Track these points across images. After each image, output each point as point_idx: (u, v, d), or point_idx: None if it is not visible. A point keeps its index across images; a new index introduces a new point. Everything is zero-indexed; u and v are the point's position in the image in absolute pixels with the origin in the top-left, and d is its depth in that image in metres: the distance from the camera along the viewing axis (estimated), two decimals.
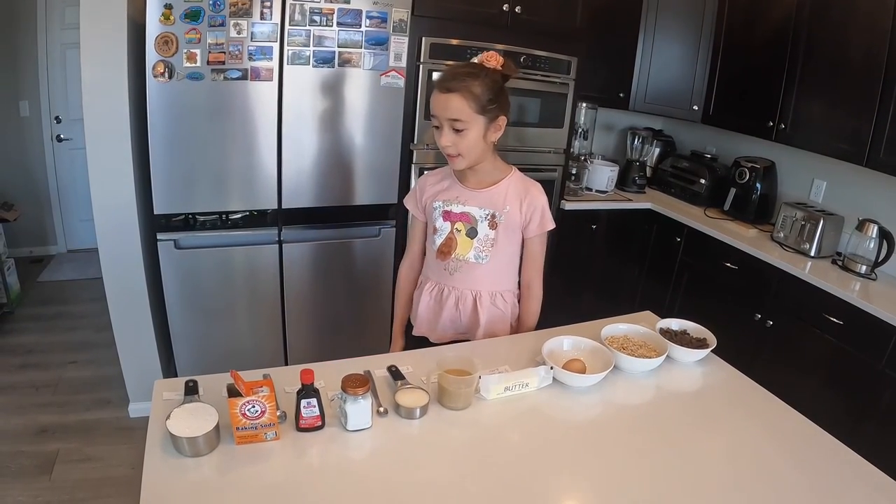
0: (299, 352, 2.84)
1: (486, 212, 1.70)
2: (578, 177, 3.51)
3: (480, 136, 1.58)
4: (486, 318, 1.77)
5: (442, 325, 1.81)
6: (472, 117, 1.54)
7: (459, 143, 1.56)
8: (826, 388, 2.53)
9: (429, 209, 1.77)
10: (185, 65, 2.20)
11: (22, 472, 2.45)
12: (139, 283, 2.54)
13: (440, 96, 1.54)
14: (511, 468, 1.19)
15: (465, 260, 1.73)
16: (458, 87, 1.52)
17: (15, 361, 3.26)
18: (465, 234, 1.71)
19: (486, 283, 1.77)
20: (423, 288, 1.83)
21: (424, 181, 1.81)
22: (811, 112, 2.82)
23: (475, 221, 1.70)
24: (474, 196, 1.70)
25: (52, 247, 4.76)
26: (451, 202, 1.72)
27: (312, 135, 2.50)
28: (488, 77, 1.54)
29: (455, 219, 1.72)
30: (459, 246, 1.72)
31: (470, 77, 1.52)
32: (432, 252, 1.79)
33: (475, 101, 1.52)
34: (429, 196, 1.77)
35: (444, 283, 1.78)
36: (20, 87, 4.30)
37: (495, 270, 1.77)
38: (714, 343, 1.63)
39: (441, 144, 1.59)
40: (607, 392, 1.46)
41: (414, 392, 1.32)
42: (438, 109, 1.55)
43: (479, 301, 1.77)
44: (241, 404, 1.10)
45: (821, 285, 2.55)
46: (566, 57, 3.00)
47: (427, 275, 1.85)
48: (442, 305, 1.79)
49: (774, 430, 1.38)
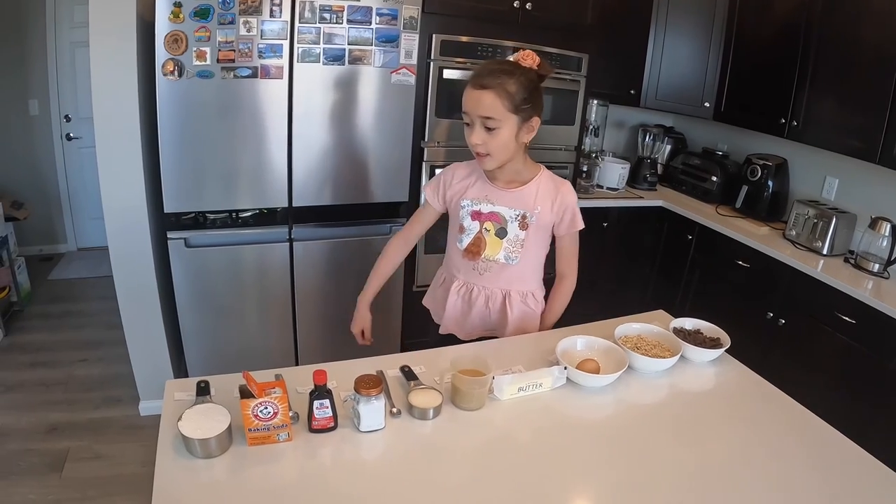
0: (310, 351, 2.84)
1: (516, 212, 1.66)
2: (590, 174, 3.48)
3: (512, 136, 1.53)
4: (516, 316, 1.76)
5: (471, 323, 1.80)
6: (506, 116, 1.49)
7: (490, 142, 1.52)
8: (838, 387, 2.50)
9: (454, 205, 1.73)
10: (194, 63, 2.19)
11: (32, 469, 2.46)
12: (149, 282, 2.54)
13: (473, 92, 1.50)
14: (524, 469, 1.18)
15: (496, 260, 1.71)
16: (493, 84, 1.47)
17: (25, 359, 3.27)
18: (495, 233, 1.69)
19: (517, 283, 1.76)
20: (451, 287, 1.79)
21: (451, 174, 1.74)
22: (823, 109, 2.79)
23: (505, 222, 1.67)
24: (504, 196, 1.66)
25: (62, 245, 4.77)
26: (481, 201, 1.68)
27: (323, 133, 2.49)
28: (524, 76, 1.50)
29: (484, 219, 1.68)
30: (489, 246, 1.70)
31: (505, 74, 1.48)
32: (458, 251, 1.75)
33: (509, 99, 1.48)
34: (456, 191, 1.72)
35: (474, 282, 1.76)
36: (29, 85, 4.31)
37: (526, 270, 1.75)
38: (728, 343, 1.62)
39: (471, 142, 1.54)
40: (621, 392, 1.45)
41: (427, 392, 1.30)
42: (471, 106, 1.51)
43: (510, 300, 1.76)
44: (254, 406, 1.10)
45: (833, 284, 2.52)
46: (577, 54, 2.98)
47: (453, 273, 1.80)
48: (471, 305, 1.77)
49: (788, 430, 1.36)
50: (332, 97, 2.45)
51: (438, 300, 1.88)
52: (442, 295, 1.86)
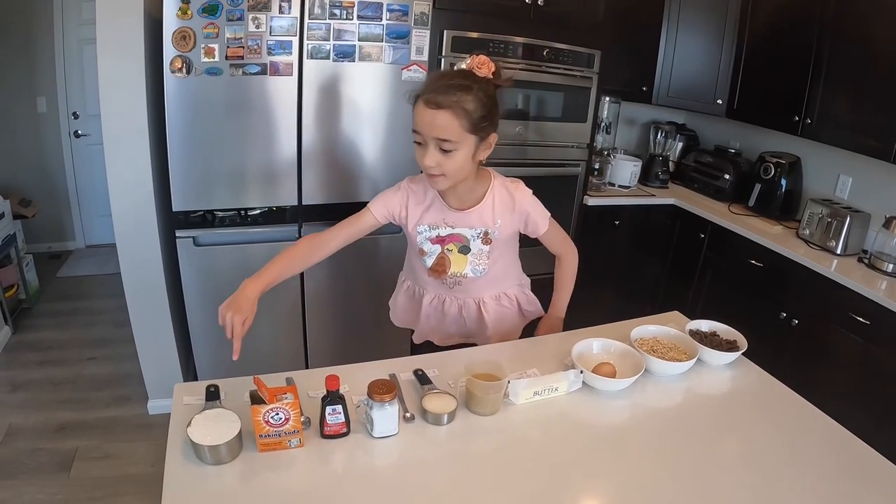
0: (320, 351, 2.82)
1: (477, 231, 1.58)
2: (601, 172, 3.45)
3: (469, 156, 1.41)
4: (492, 319, 1.73)
5: (446, 330, 1.77)
6: (463, 137, 1.36)
7: (445, 164, 1.39)
8: (852, 388, 2.46)
9: (409, 231, 1.63)
10: (202, 60, 2.16)
11: (40, 469, 2.45)
12: (158, 281, 2.53)
13: (426, 112, 1.35)
14: (541, 475, 1.15)
15: (463, 275, 1.65)
16: (449, 103, 1.33)
17: (34, 357, 3.27)
18: (458, 251, 1.62)
19: (489, 290, 1.72)
20: (422, 300, 1.75)
21: (406, 196, 1.60)
22: (838, 107, 2.74)
23: (467, 241, 1.60)
24: (461, 217, 1.57)
25: (71, 242, 4.78)
26: (438, 225, 1.59)
27: (333, 130, 2.46)
28: (481, 90, 1.37)
29: (445, 241, 1.61)
30: (453, 264, 1.64)
31: (461, 91, 1.34)
32: (422, 267, 1.68)
33: (467, 118, 1.35)
34: (412, 218, 1.60)
35: (445, 294, 1.72)
36: (37, 83, 4.31)
37: (496, 277, 1.70)
38: (745, 346, 1.59)
39: (424, 164, 1.41)
40: (637, 395, 1.42)
41: (441, 397, 1.28)
42: (424, 126, 1.37)
43: (484, 307, 1.73)
44: (265, 412, 1.07)
45: (847, 284, 2.48)
46: (589, 50, 2.95)
47: (422, 286, 1.75)
48: (445, 314, 1.74)
49: (808, 436, 1.33)
50: (342, 94, 2.42)
51: (401, 305, 1.84)
52: (406, 303, 1.82)
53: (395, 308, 1.90)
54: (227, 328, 1.33)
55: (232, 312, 1.33)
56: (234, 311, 1.33)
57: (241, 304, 1.36)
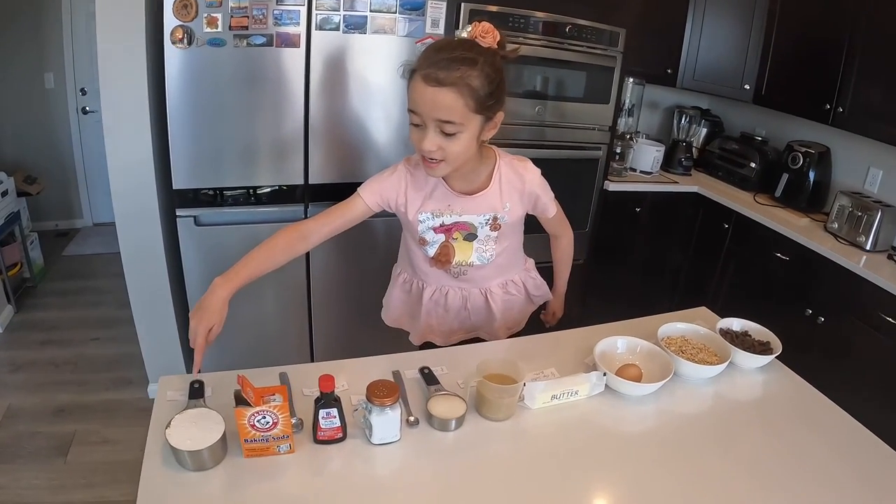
0: (325, 337, 2.72)
1: (485, 217, 1.45)
2: (623, 156, 3.30)
3: (473, 139, 1.26)
4: (500, 309, 1.61)
5: (449, 326, 1.63)
6: (468, 118, 1.21)
7: (447, 148, 1.24)
8: (879, 390, 2.34)
9: (408, 220, 1.47)
10: (205, 30, 2.05)
11: (38, 453, 2.40)
12: (158, 261, 2.44)
13: (426, 89, 1.18)
14: (558, 487, 1.05)
15: (469, 264, 1.52)
16: (452, 80, 1.17)
17: (36, 338, 3.22)
18: (463, 239, 1.48)
19: (497, 278, 1.60)
20: (422, 295, 1.60)
21: (403, 181, 1.43)
22: (871, 96, 2.58)
23: (474, 228, 1.47)
24: (468, 203, 1.43)
25: (78, 220, 4.73)
26: (443, 212, 1.43)
27: (342, 106, 2.35)
28: (488, 64, 1.20)
29: (449, 230, 1.47)
30: (458, 252, 1.49)
31: (466, 65, 1.17)
32: (422, 258, 1.54)
33: (473, 97, 1.19)
34: (412, 206, 1.44)
35: (448, 285, 1.58)
36: (45, 59, 4.23)
37: (503, 263, 1.58)
38: (779, 348, 1.47)
39: (422, 148, 1.25)
40: (663, 400, 1.30)
41: (449, 400, 1.16)
42: (423, 107, 1.20)
43: (491, 297, 1.60)
44: (250, 415, 0.96)
45: (876, 281, 2.35)
46: (613, 28, 2.79)
47: (421, 279, 1.60)
48: (447, 309, 1.60)
49: (843, 448, 1.21)
50: (352, 68, 2.30)
51: (395, 301, 1.70)
52: (400, 297, 1.68)
53: (387, 305, 1.74)
54: (191, 337, 1.20)
55: (196, 320, 1.19)
56: (199, 320, 1.20)
57: (208, 311, 1.22)
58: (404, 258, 1.64)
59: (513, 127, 2.70)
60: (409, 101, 1.24)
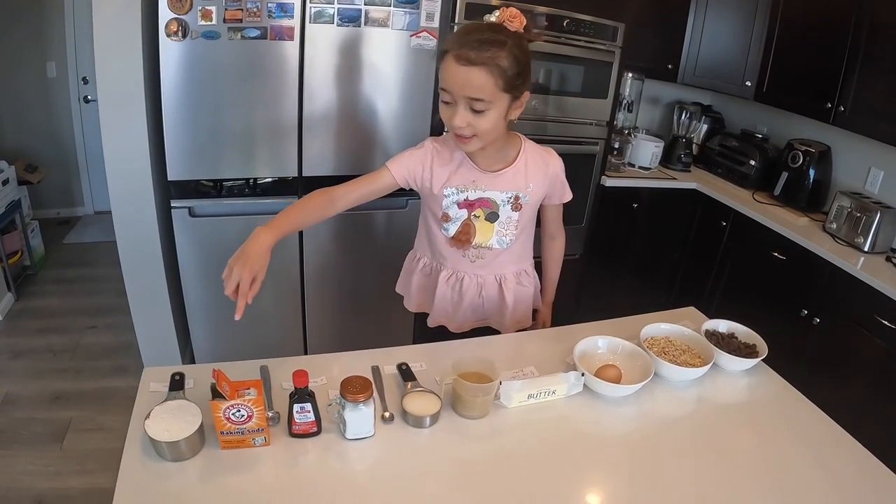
0: (319, 328, 2.73)
1: (508, 195, 1.51)
2: (621, 152, 3.30)
3: (502, 116, 1.34)
4: (512, 299, 1.63)
5: (463, 314, 1.65)
6: (497, 96, 1.29)
7: (477, 125, 1.32)
8: (872, 395, 2.34)
9: (433, 193, 1.52)
10: (199, 23, 2.05)
11: (34, 439, 2.43)
12: (154, 252, 2.45)
13: (459, 69, 1.26)
14: (531, 487, 1.05)
15: (488, 247, 1.56)
16: (483, 60, 1.24)
17: (35, 325, 3.24)
18: (485, 218, 1.53)
19: (512, 266, 1.63)
20: (439, 277, 1.63)
21: (430, 157, 1.50)
22: (874, 95, 2.56)
23: (496, 206, 1.52)
24: (493, 179, 1.49)
25: (80, 208, 4.75)
26: (467, 187, 1.49)
27: (336, 99, 2.35)
28: (516, 46, 1.28)
29: (473, 206, 1.52)
30: (479, 233, 1.54)
31: (496, 46, 1.25)
32: (442, 238, 1.58)
33: (502, 76, 1.27)
34: (438, 180, 1.50)
35: (464, 270, 1.61)
36: (47, 48, 4.23)
37: (519, 250, 1.63)
38: (765, 351, 1.46)
39: (453, 124, 1.33)
40: (644, 402, 1.30)
41: (424, 396, 1.17)
42: (456, 85, 1.28)
43: (505, 284, 1.62)
44: (225, 408, 0.97)
45: (873, 283, 2.33)
46: (612, 22, 2.78)
47: (439, 261, 1.63)
48: (462, 295, 1.62)
49: (823, 454, 1.21)
50: (346, 61, 2.29)
51: (416, 287, 1.71)
52: (421, 282, 1.70)
53: (408, 292, 1.76)
54: (230, 283, 1.18)
55: (240, 267, 1.19)
56: (243, 266, 1.19)
57: (252, 259, 1.21)
58: (424, 241, 1.67)
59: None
60: (441, 80, 1.32)
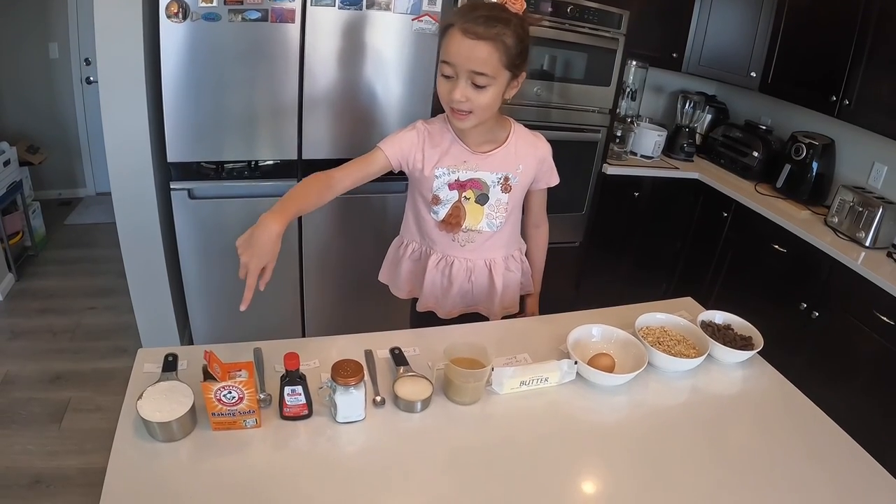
0: (317, 311, 2.74)
1: (498, 175, 1.51)
2: (623, 140, 3.28)
3: (500, 94, 1.36)
4: (501, 283, 1.64)
5: (452, 300, 1.64)
6: (499, 72, 1.31)
7: (476, 100, 1.33)
8: (869, 390, 2.34)
9: (423, 174, 1.50)
10: (200, 4, 2.04)
11: (32, 419, 2.44)
12: (154, 234, 2.45)
13: (465, 41, 1.27)
14: (521, 473, 1.05)
15: (478, 230, 1.56)
16: (490, 35, 1.26)
17: (35, 306, 3.25)
18: (475, 200, 1.53)
19: (501, 249, 1.63)
20: (428, 262, 1.62)
21: (422, 138, 1.49)
22: (879, 90, 2.53)
23: (486, 187, 1.52)
24: (483, 160, 1.50)
25: (81, 189, 4.76)
26: (458, 168, 1.49)
27: (336, 82, 2.33)
28: (519, 25, 1.31)
29: (464, 187, 1.52)
30: (469, 215, 1.54)
31: (501, 23, 1.28)
32: (431, 222, 1.58)
33: (507, 53, 1.29)
34: (429, 160, 1.49)
35: (454, 255, 1.60)
36: (49, 28, 4.21)
37: (508, 234, 1.63)
38: (760, 344, 1.45)
39: (451, 98, 1.33)
40: (637, 391, 1.30)
41: (416, 381, 1.17)
42: (460, 58, 1.29)
43: (494, 269, 1.63)
44: (216, 389, 0.98)
45: (873, 279, 2.33)
46: (617, 10, 2.76)
47: (428, 246, 1.63)
48: (452, 280, 1.62)
49: (815, 447, 1.21)
50: (347, 44, 2.28)
51: (405, 274, 1.70)
52: (410, 268, 1.68)
53: (395, 280, 1.74)
54: (243, 270, 1.18)
55: (248, 256, 1.18)
56: (250, 256, 1.18)
57: (260, 248, 1.19)
58: (413, 225, 1.65)
59: (510, 107, 2.68)
60: (444, 52, 1.33)
